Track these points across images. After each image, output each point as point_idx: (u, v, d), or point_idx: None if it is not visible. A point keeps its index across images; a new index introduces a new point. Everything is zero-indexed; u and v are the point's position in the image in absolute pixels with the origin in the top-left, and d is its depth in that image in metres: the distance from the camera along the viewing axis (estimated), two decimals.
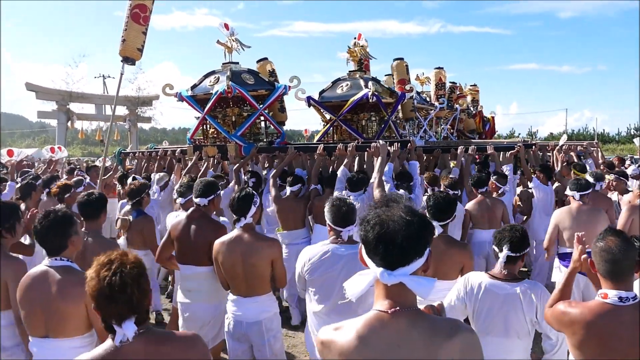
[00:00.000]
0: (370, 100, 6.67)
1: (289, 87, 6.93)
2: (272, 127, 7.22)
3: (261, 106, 6.71)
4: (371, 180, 4.88)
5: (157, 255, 3.95)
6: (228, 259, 3.29)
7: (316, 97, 7.37)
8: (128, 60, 5.25)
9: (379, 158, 4.77)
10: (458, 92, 11.55)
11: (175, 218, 4.30)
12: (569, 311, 2.20)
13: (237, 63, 7.02)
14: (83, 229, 3.55)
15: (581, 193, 4.66)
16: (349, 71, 7.52)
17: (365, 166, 5.83)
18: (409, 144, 5.81)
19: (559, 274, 4.64)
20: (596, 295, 2.20)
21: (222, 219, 4.34)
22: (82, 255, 3.48)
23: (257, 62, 7.89)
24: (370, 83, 6.95)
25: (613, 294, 2.11)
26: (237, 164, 6.17)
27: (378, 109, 7.15)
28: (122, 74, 5.36)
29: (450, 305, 2.81)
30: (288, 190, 5.41)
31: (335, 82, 7.46)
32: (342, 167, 5.08)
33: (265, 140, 7.02)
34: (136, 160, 8.27)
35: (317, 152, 5.70)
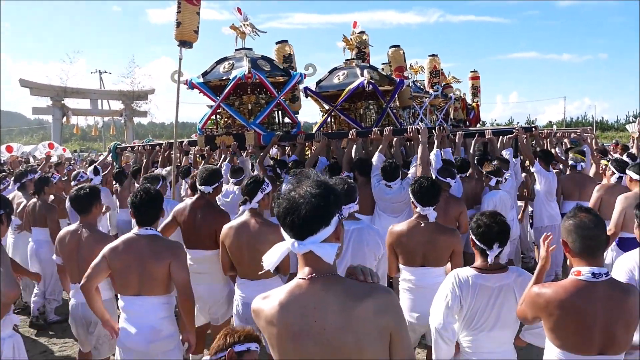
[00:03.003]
0: (367, 89, 6.63)
1: (305, 75, 6.77)
2: (287, 117, 6.94)
3: (279, 94, 6.42)
4: (411, 170, 4.81)
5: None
6: (235, 243, 3.40)
7: (313, 87, 7.34)
8: (185, 44, 5.03)
9: (420, 143, 4.73)
10: (444, 83, 11.44)
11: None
12: (544, 292, 2.19)
13: (251, 49, 6.75)
14: (78, 223, 3.53)
15: None
16: (346, 60, 7.48)
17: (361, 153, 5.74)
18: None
19: (610, 253, 4.46)
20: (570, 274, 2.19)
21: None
22: (76, 248, 3.44)
23: (277, 43, 7.68)
24: (365, 71, 6.90)
25: (586, 271, 2.11)
26: (260, 157, 5.92)
27: (376, 97, 7.12)
28: (180, 59, 5.13)
29: (447, 307, 2.54)
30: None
31: (332, 72, 7.43)
32: (377, 154, 4.97)
33: (282, 130, 6.73)
34: (134, 155, 8.22)
35: (350, 137, 5.53)
